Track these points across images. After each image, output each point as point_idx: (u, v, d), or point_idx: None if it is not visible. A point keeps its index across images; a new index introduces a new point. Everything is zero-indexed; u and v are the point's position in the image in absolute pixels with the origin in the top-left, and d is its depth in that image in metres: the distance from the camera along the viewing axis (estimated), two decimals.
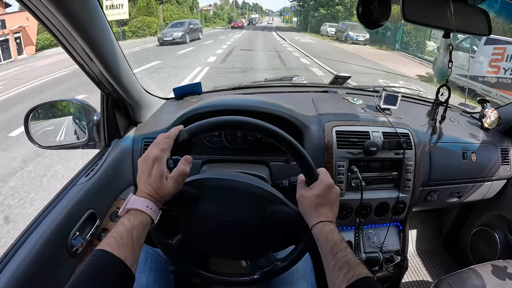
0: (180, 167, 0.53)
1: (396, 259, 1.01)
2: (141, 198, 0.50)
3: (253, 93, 1.14)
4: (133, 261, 0.45)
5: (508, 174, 1.17)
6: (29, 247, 0.60)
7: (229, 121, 0.55)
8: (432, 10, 0.68)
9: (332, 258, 0.49)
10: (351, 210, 0.93)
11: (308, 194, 0.56)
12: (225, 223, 0.59)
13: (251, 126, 0.55)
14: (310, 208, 0.55)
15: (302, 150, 0.56)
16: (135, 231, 0.46)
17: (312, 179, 0.57)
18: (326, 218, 0.54)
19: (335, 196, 0.57)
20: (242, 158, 0.91)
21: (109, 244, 0.43)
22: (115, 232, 0.45)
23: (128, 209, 0.49)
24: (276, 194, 0.60)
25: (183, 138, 0.54)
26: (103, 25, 0.68)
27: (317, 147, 0.90)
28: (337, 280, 0.46)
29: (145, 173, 0.51)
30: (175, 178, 0.52)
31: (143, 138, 0.92)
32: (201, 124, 0.55)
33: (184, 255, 0.64)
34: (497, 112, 1.17)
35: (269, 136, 0.55)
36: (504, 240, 1.23)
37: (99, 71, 0.76)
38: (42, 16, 0.58)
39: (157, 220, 0.51)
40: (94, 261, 0.43)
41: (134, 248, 0.45)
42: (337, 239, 0.51)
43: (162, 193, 0.51)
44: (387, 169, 0.96)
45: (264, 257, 0.63)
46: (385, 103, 1.01)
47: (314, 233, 0.54)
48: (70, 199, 0.71)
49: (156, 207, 0.51)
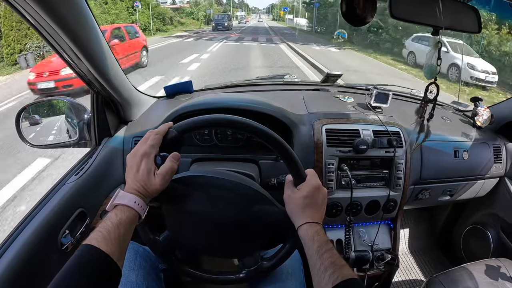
0: (168, 164, 0.53)
1: (387, 257, 1.01)
2: (129, 194, 0.50)
3: (245, 91, 1.14)
4: (120, 256, 0.45)
5: (501, 172, 1.17)
6: (19, 245, 0.60)
7: (218, 119, 0.55)
8: (420, 7, 0.67)
9: (317, 259, 0.49)
10: (341, 208, 0.94)
11: (295, 195, 0.56)
12: (212, 221, 0.59)
13: (241, 125, 0.55)
14: (296, 209, 0.56)
15: (291, 150, 0.56)
16: (122, 227, 0.46)
17: (300, 180, 0.57)
18: (312, 219, 0.54)
19: (323, 197, 0.57)
20: (232, 156, 0.91)
21: (96, 239, 0.43)
22: (102, 227, 0.45)
23: (116, 205, 0.49)
24: (264, 193, 0.61)
25: (172, 135, 0.54)
26: (90, 24, 0.68)
27: (307, 146, 0.90)
28: (322, 281, 0.47)
29: (133, 169, 0.52)
30: (163, 175, 0.52)
31: (134, 137, 0.92)
32: (190, 122, 0.55)
33: (170, 252, 0.65)
34: (489, 110, 1.17)
35: (258, 135, 0.55)
36: (497, 238, 1.23)
37: (87, 70, 0.76)
38: (28, 15, 0.58)
39: (144, 216, 0.51)
40: (81, 256, 0.43)
41: (121, 243, 0.45)
42: (323, 241, 0.51)
43: (149, 189, 0.51)
44: (377, 167, 0.96)
45: (252, 255, 0.63)
46: (376, 101, 1.01)
47: (300, 234, 0.54)
48: (60, 198, 0.71)
49: (143, 203, 0.51)
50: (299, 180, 0.57)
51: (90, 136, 0.94)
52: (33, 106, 0.94)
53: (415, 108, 1.16)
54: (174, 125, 0.55)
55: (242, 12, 57.75)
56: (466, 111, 1.29)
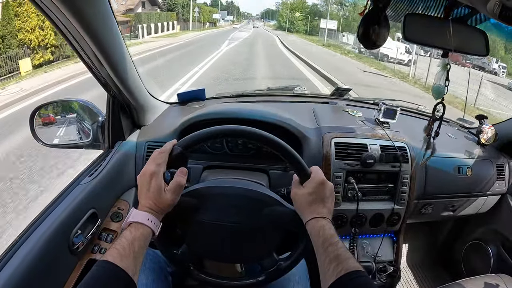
0: (177, 179, 0.56)
1: (389, 269, 1.03)
2: (142, 212, 0.53)
3: (255, 101, 1.16)
4: (135, 271, 0.47)
5: (503, 189, 1.19)
6: (33, 242, 0.62)
7: (218, 131, 0.58)
8: (432, 30, 0.70)
9: (323, 253, 0.50)
10: (347, 220, 0.95)
11: (300, 192, 0.58)
12: (226, 229, 0.61)
13: (239, 133, 0.59)
14: (303, 206, 0.57)
15: (292, 150, 0.59)
16: (136, 243, 0.49)
17: (305, 177, 0.59)
18: (319, 214, 0.55)
19: (329, 191, 0.58)
20: (243, 165, 0.93)
21: (112, 256, 0.46)
22: (118, 244, 0.48)
23: (130, 223, 0.52)
24: (272, 195, 0.63)
25: (177, 151, 0.57)
26: (114, 30, 0.70)
27: (316, 158, 0.92)
28: (327, 274, 0.48)
29: (144, 188, 0.54)
30: (172, 190, 0.55)
31: (147, 142, 0.94)
32: (192, 137, 0.58)
33: (189, 263, 0.66)
34: (494, 128, 1.19)
35: (257, 139, 0.58)
36: (497, 254, 1.24)
37: (107, 74, 0.78)
38: (55, 19, 0.60)
39: (158, 232, 0.54)
40: (99, 271, 0.45)
41: (136, 258, 0.48)
42: (328, 234, 0.52)
43: (161, 205, 0.54)
44: (383, 181, 0.98)
45: (268, 258, 0.65)
46: (384, 117, 1.04)
47: (308, 229, 0.55)
48: (74, 198, 0.73)
49: (156, 220, 0.53)
50: (304, 177, 0.59)
51: (104, 139, 0.96)
52: (48, 106, 0.96)
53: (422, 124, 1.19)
54: (178, 142, 0.58)
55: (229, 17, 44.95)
56: (471, 128, 1.31)
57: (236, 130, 0.58)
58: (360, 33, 0.58)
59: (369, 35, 0.57)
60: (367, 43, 0.59)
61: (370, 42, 0.58)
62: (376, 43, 0.59)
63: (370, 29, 0.57)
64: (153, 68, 8.06)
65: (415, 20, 0.66)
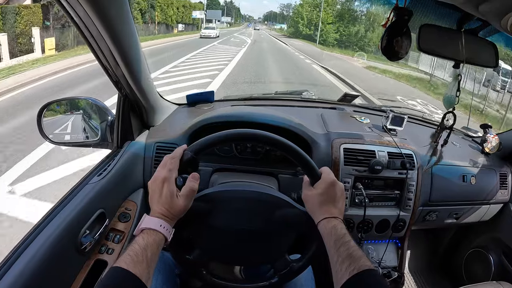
0: (189, 184, 0.55)
1: (393, 275, 1.03)
2: (154, 218, 0.52)
3: (263, 105, 1.17)
4: (148, 277, 0.47)
5: (506, 198, 1.20)
6: (41, 242, 0.61)
7: (228, 135, 0.59)
8: (444, 42, 0.72)
9: (335, 253, 0.50)
10: (353, 225, 0.96)
11: (311, 193, 0.58)
12: (239, 232, 0.61)
13: (248, 136, 0.59)
14: (314, 207, 0.58)
15: (301, 151, 0.59)
16: (149, 249, 0.49)
17: (315, 178, 0.59)
18: (330, 215, 0.55)
19: (340, 192, 0.58)
20: (252, 168, 0.93)
21: (125, 262, 0.46)
22: (130, 250, 0.48)
23: (143, 229, 0.51)
24: (283, 197, 0.63)
25: (188, 156, 0.57)
26: (132, 31, 0.71)
27: (325, 163, 0.93)
28: (339, 273, 0.48)
29: (156, 193, 0.54)
30: (185, 195, 0.54)
31: (156, 143, 0.94)
32: (203, 141, 0.58)
33: (202, 268, 0.66)
34: (498, 137, 1.21)
35: (266, 142, 0.59)
36: (498, 262, 1.25)
37: (122, 74, 0.78)
38: (77, 18, 0.60)
39: (170, 238, 0.54)
40: (112, 277, 0.45)
41: (148, 265, 0.48)
42: (340, 234, 0.52)
43: (174, 211, 0.54)
44: (389, 188, 0.98)
45: (280, 260, 0.65)
46: (391, 124, 1.05)
47: (320, 230, 0.56)
48: (83, 197, 0.73)
49: (169, 226, 0.53)
50: (314, 178, 0.59)
51: (112, 138, 0.95)
52: (56, 104, 0.96)
53: (427, 132, 1.20)
54: (188, 146, 0.59)
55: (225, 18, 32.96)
56: (475, 137, 1.32)
57: (245, 134, 0.59)
58: (384, 45, 0.59)
59: (393, 46, 0.58)
60: (390, 55, 0.59)
61: (393, 54, 0.59)
62: (398, 55, 0.60)
63: (393, 40, 0.58)
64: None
65: (430, 31, 0.68)
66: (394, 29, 0.58)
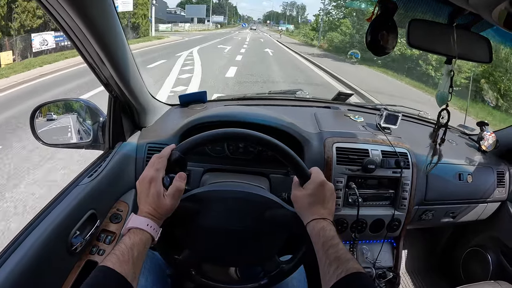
0: (175, 184, 0.55)
1: (388, 275, 1.02)
2: (141, 217, 0.52)
3: (257, 105, 1.16)
4: (134, 276, 0.47)
5: (503, 196, 1.19)
6: (31, 242, 0.61)
7: (216, 135, 0.58)
8: (436, 37, 0.70)
9: (323, 254, 0.50)
10: (347, 225, 0.95)
11: (300, 194, 0.58)
12: (227, 233, 0.61)
13: (236, 136, 0.58)
14: (303, 208, 0.57)
15: (290, 151, 0.58)
16: (135, 249, 0.48)
17: (304, 178, 0.58)
18: (319, 216, 0.55)
19: (329, 192, 0.58)
20: (243, 168, 0.92)
21: (111, 261, 0.46)
22: (117, 249, 0.48)
23: (130, 228, 0.51)
24: (272, 198, 0.62)
25: (176, 156, 0.57)
26: (117, 30, 0.70)
27: (317, 162, 0.92)
28: (327, 276, 0.47)
29: (144, 193, 0.54)
30: (171, 195, 0.54)
31: (147, 143, 0.93)
32: (190, 141, 0.58)
33: (192, 268, 0.66)
34: (495, 135, 1.19)
35: (254, 142, 0.58)
36: (496, 261, 1.24)
37: (110, 75, 0.78)
38: (59, 18, 0.60)
39: (157, 237, 0.53)
40: (98, 276, 0.45)
41: (135, 264, 0.47)
42: (329, 236, 0.51)
43: (161, 210, 0.54)
44: (384, 187, 0.97)
45: (270, 261, 0.65)
46: (385, 122, 1.04)
47: (308, 231, 0.55)
48: (73, 199, 0.73)
49: (156, 225, 0.53)
50: (304, 179, 0.58)
51: (104, 139, 0.95)
52: (49, 105, 0.96)
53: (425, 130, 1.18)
54: (176, 146, 0.58)
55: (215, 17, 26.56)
56: (471, 134, 1.31)
57: (233, 133, 0.58)
58: (369, 40, 0.58)
59: (378, 41, 0.57)
60: (376, 50, 0.58)
61: (379, 48, 0.58)
62: (385, 50, 0.58)
63: (378, 35, 0.57)
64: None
65: (420, 26, 0.66)
66: (379, 23, 0.56)
